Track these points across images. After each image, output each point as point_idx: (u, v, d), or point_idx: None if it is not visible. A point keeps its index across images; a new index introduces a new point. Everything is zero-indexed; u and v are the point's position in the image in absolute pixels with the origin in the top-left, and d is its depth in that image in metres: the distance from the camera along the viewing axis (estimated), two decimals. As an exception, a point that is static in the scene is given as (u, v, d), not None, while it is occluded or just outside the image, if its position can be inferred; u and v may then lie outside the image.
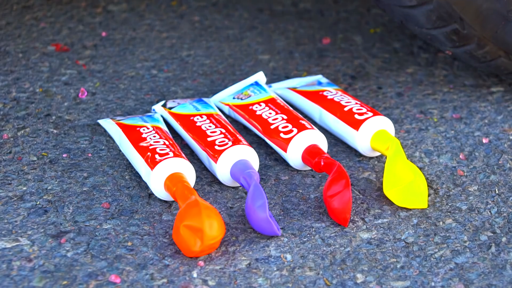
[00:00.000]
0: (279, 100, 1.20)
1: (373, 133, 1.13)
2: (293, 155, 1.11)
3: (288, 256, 0.98)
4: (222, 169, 1.07)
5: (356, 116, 1.14)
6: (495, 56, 1.22)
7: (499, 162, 1.14)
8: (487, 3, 1.15)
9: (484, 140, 1.19)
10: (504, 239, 1.01)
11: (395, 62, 1.38)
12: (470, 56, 1.22)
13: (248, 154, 1.08)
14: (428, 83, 1.32)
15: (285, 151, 1.11)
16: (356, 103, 1.17)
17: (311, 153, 1.09)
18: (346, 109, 1.16)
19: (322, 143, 1.11)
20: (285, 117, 1.15)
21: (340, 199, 1.02)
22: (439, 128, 1.22)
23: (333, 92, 1.21)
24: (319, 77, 1.29)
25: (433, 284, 0.94)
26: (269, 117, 1.16)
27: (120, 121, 1.18)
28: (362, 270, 0.96)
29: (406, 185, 1.05)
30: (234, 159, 1.07)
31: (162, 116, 1.21)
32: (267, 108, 1.18)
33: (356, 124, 1.13)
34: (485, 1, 1.15)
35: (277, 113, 1.16)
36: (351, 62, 1.38)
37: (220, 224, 0.96)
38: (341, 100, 1.18)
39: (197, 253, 0.96)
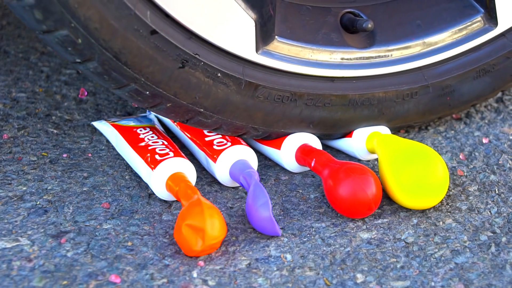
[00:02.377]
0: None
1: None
2: (287, 158, 1.11)
3: (288, 256, 0.98)
4: (221, 169, 1.07)
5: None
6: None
7: (499, 162, 1.14)
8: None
9: (484, 140, 1.19)
10: (504, 239, 1.01)
11: (395, 62, 1.38)
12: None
13: (247, 154, 1.08)
14: (428, 83, 1.32)
15: (279, 148, 1.11)
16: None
17: (303, 151, 1.09)
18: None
19: (315, 142, 1.11)
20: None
21: (360, 186, 1.01)
22: (439, 128, 1.22)
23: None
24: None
25: (433, 284, 0.94)
26: None
27: (116, 123, 1.17)
28: (362, 270, 0.96)
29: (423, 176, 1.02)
30: (233, 159, 1.07)
31: (157, 116, 1.21)
32: None
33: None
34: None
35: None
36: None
37: (222, 225, 0.96)
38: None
39: (197, 253, 0.96)
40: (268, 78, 1.06)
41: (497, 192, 1.09)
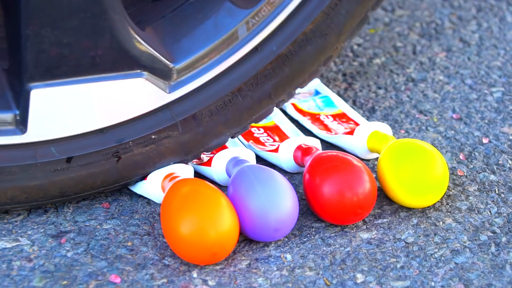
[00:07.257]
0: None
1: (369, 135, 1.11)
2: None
3: (288, 256, 0.98)
4: (217, 170, 1.07)
5: None
6: None
7: (499, 162, 1.14)
8: None
9: (484, 140, 1.19)
10: (504, 239, 1.01)
11: (395, 62, 1.38)
12: None
13: (243, 154, 1.07)
14: (428, 83, 1.32)
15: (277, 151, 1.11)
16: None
17: (296, 150, 1.09)
18: None
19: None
20: None
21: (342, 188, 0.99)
22: (439, 128, 1.22)
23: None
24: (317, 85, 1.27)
25: (433, 284, 0.94)
26: None
27: None
28: (362, 270, 0.96)
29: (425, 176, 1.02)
30: (227, 158, 1.06)
31: None
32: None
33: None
34: None
35: None
36: (351, 62, 1.38)
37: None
38: None
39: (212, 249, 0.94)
40: (198, 98, 1.01)
41: (497, 192, 1.09)
